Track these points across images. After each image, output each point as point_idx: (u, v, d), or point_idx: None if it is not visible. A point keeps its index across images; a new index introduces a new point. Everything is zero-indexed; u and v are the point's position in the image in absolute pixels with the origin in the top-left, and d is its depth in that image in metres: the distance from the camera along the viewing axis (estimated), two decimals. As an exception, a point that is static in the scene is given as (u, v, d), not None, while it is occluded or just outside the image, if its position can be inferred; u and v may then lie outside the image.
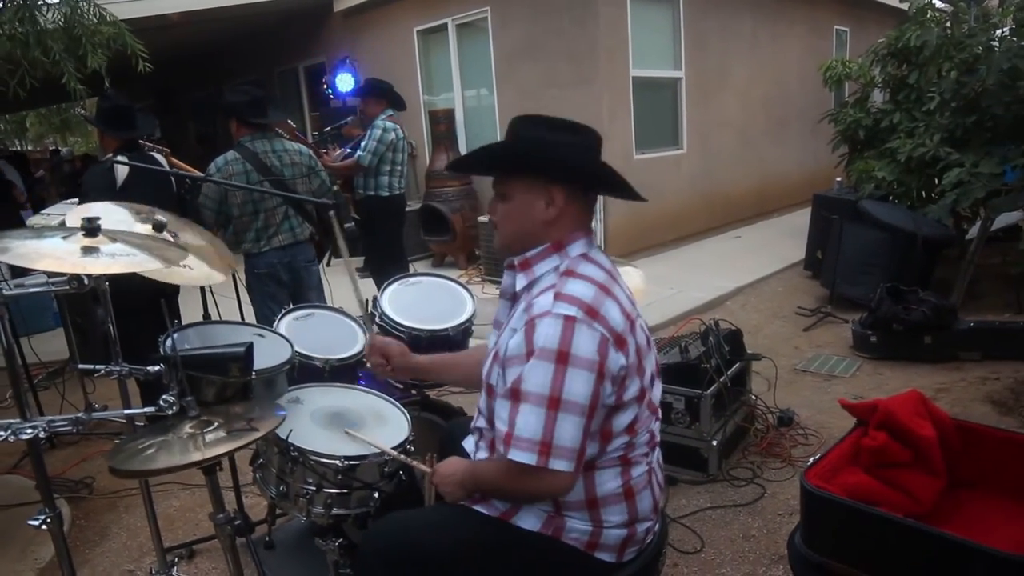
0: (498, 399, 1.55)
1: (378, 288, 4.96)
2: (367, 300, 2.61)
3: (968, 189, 5.09)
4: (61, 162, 3.68)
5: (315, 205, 3.87)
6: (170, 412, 1.74)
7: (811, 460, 1.98)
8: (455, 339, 2.60)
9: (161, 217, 2.08)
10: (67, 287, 1.67)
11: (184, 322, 3.92)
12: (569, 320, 1.43)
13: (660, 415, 1.71)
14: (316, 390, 2.21)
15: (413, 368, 2.03)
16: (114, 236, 1.67)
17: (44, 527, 1.84)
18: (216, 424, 1.68)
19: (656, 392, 1.66)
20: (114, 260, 1.62)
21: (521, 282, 1.62)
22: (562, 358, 1.42)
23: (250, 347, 1.80)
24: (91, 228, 1.64)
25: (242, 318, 3.72)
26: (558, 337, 1.42)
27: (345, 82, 7.94)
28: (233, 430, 1.63)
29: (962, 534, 1.64)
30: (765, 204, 9.33)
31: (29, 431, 1.73)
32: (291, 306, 2.68)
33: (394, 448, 1.96)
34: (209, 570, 2.86)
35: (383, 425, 2.10)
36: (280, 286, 3.80)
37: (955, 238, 5.96)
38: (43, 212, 3.72)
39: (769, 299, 6.06)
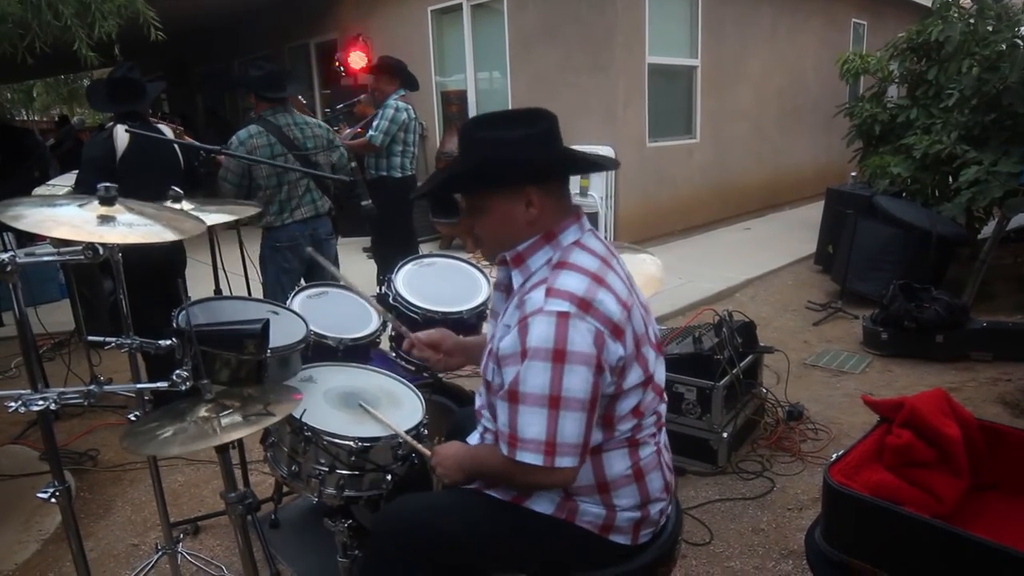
0: (497, 398, 1.51)
1: (380, 273, 4.99)
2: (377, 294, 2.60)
3: (985, 188, 5.04)
4: (72, 131, 3.64)
5: (333, 180, 3.87)
6: (183, 387, 1.72)
7: (833, 456, 1.96)
8: (469, 322, 2.57)
9: (178, 189, 2.04)
10: (80, 256, 1.63)
11: (192, 298, 3.90)
12: (563, 316, 1.39)
13: (666, 397, 1.68)
14: (330, 369, 2.19)
15: (463, 347, 1.97)
16: (130, 206, 1.63)
17: (53, 500, 1.81)
18: (232, 407, 1.64)
19: (660, 374, 1.62)
20: (131, 230, 1.59)
21: (517, 279, 1.57)
22: (558, 356, 1.39)
23: (266, 324, 1.76)
24: (107, 197, 1.60)
25: (249, 295, 3.72)
26: (552, 335, 1.39)
27: (358, 60, 7.85)
28: (249, 414, 1.60)
29: (985, 535, 1.61)
30: (776, 196, 9.26)
31: (40, 402, 1.70)
32: (304, 282, 2.65)
33: (407, 431, 1.93)
34: (214, 546, 2.84)
35: (397, 407, 2.08)
36: (299, 260, 3.79)
37: (969, 237, 5.92)
38: (49, 183, 3.68)
39: (779, 292, 6.02)
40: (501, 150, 1.50)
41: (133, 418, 3.69)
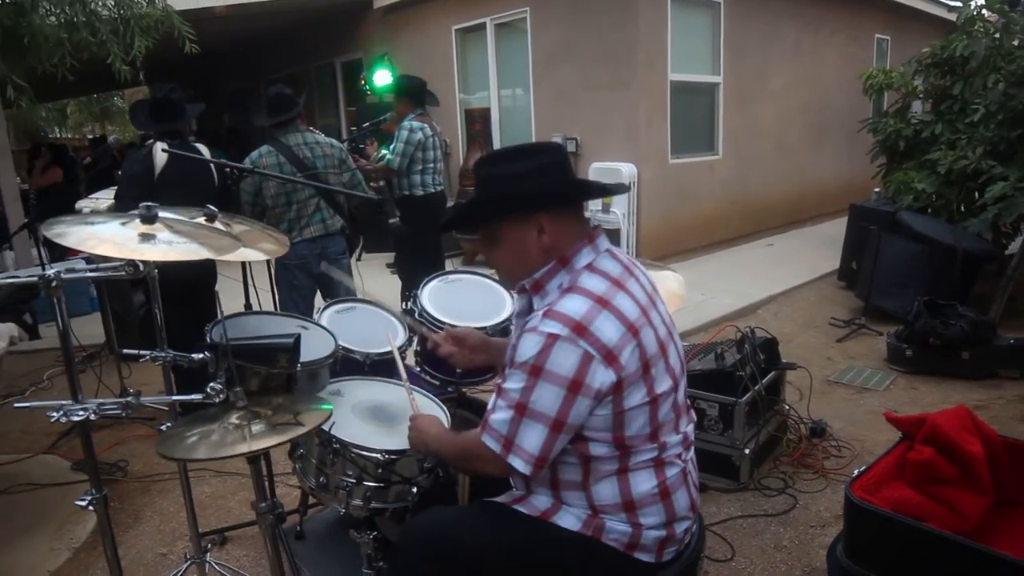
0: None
1: (403, 287, 5.05)
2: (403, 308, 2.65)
3: (1012, 203, 5.00)
4: (108, 150, 3.77)
5: (346, 198, 3.95)
6: (217, 400, 1.77)
7: (855, 472, 1.97)
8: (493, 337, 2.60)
9: (213, 207, 2.11)
10: (122, 273, 1.70)
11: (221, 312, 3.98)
12: (551, 338, 1.46)
13: (693, 416, 1.71)
14: (357, 383, 2.24)
15: (488, 345, 2.03)
16: (170, 224, 1.70)
17: (91, 508, 1.88)
18: (262, 416, 1.70)
19: (680, 395, 1.65)
20: (171, 248, 1.65)
21: (536, 304, 1.62)
22: (534, 371, 1.48)
23: (298, 339, 1.82)
24: (149, 216, 1.67)
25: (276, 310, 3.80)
26: (535, 353, 1.47)
27: (383, 78, 7.99)
28: (279, 424, 1.65)
29: (1009, 552, 1.61)
30: (799, 212, 9.23)
31: (80, 413, 1.77)
32: (319, 299, 2.69)
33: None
34: (240, 557, 2.89)
35: (422, 421, 2.11)
36: (309, 278, 3.86)
37: (995, 253, 5.85)
38: (91, 196, 3.80)
39: (801, 308, 6.00)
40: (507, 183, 1.58)
41: (164, 429, 3.76)
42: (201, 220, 2.18)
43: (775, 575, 2.58)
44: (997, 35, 5.65)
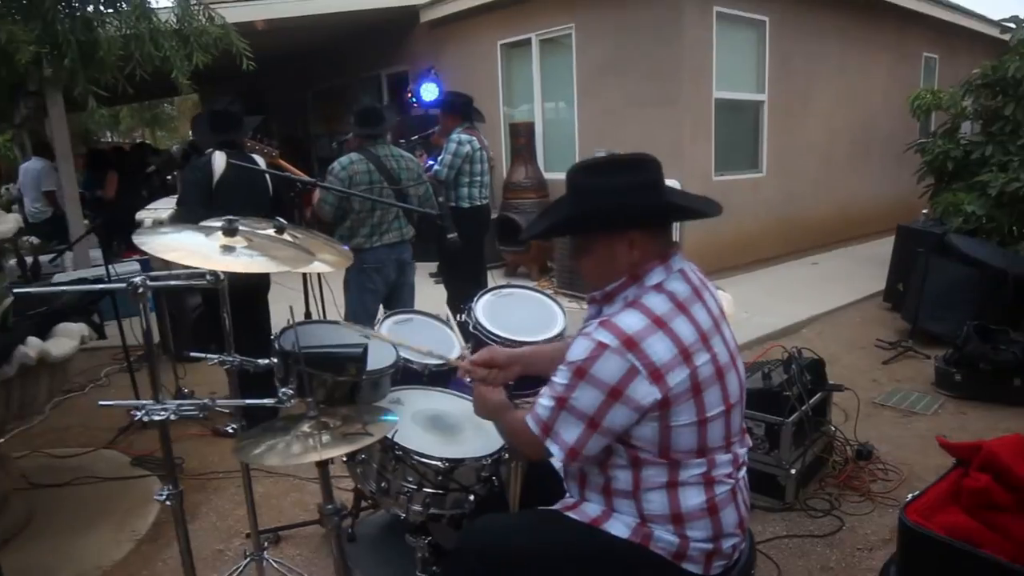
0: None
1: (449, 297, 5.15)
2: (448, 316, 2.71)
3: (1067, 229, 4.95)
4: (172, 158, 3.91)
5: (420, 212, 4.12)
6: (287, 404, 1.86)
7: (908, 496, 1.98)
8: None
9: (282, 220, 2.21)
10: (203, 281, 1.80)
11: (272, 321, 4.14)
12: (600, 347, 1.53)
13: (750, 442, 1.74)
14: (416, 392, 2.32)
15: (517, 357, 2.05)
16: (250, 236, 1.79)
17: (167, 503, 1.98)
18: (332, 425, 1.77)
19: (735, 418, 1.68)
20: (252, 260, 1.74)
21: (607, 312, 1.67)
22: (579, 373, 1.56)
23: (366, 348, 1.90)
24: (230, 228, 1.76)
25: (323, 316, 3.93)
26: (583, 356, 1.55)
27: (429, 92, 8.13)
28: (349, 433, 1.72)
29: (1067, 583, 1.61)
30: (844, 232, 9.14)
31: (161, 412, 1.87)
32: (383, 308, 2.79)
33: (491, 455, 2.05)
34: (294, 555, 2.97)
35: (480, 430, 2.18)
36: (384, 283, 4.03)
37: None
38: (148, 207, 3.97)
39: (847, 329, 5.95)
40: (609, 197, 1.62)
41: (231, 430, 3.89)
42: (271, 232, 2.28)
43: (821, 595, 2.59)
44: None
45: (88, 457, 3.92)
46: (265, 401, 1.88)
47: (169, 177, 4.96)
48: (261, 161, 4.12)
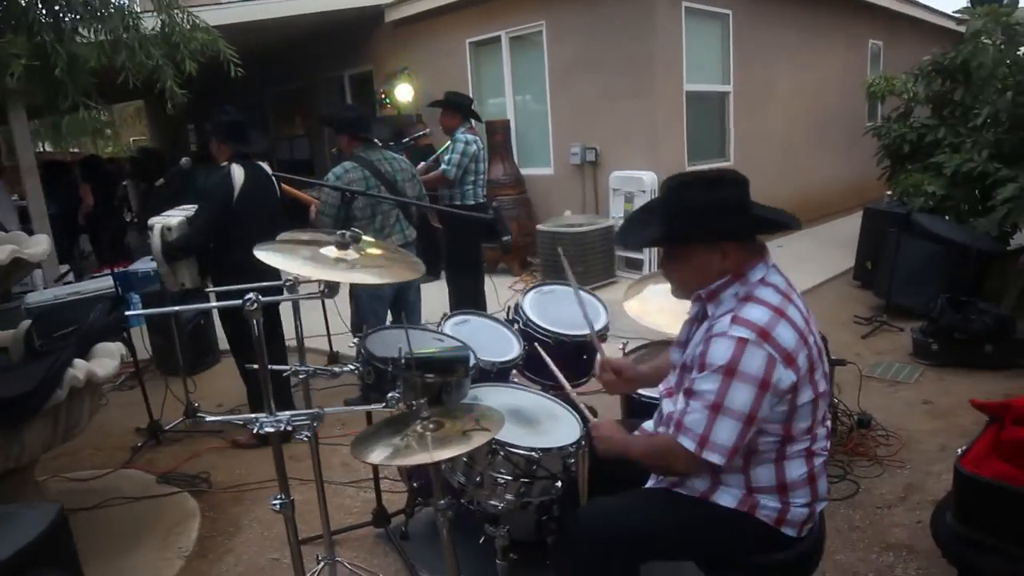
0: (680, 393, 1.83)
1: (452, 297, 5.26)
2: (509, 307, 2.86)
3: (1021, 204, 5.33)
4: (181, 171, 3.85)
5: (417, 210, 4.18)
6: (397, 408, 1.98)
7: (959, 450, 2.24)
8: (591, 345, 2.83)
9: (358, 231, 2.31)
10: (317, 295, 1.91)
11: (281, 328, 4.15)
12: (741, 342, 1.69)
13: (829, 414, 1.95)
14: (490, 389, 2.45)
15: (638, 378, 2.25)
16: (361, 249, 1.90)
17: (280, 511, 2.07)
18: (444, 425, 1.89)
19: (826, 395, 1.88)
20: (368, 272, 1.85)
21: (711, 310, 1.85)
22: (729, 373, 1.69)
23: (469, 351, 2.03)
24: (344, 242, 1.87)
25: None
26: (729, 355, 1.69)
27: (404, 92, 8.17)
28: (466, 430, 1.84)
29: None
30: (805, 214, 9.47)
31: (273, 425, 1.96)
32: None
33: (572, 443, 2.21)
34: (352, 557, 3.03)
35: (557, 422, 2.34)
36: (391, 287, 4.09)
37: (1003, 250, 6.17)
38: (164, 213, 3.95)
39: (823, 307, 6.25)
40: (705, 212, 1.78)
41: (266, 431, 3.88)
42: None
43: (855, 552, 2.83)
44: (1003, 47, 5.98)
45: (110, 478, 3.87)
46: (375, 406, 1.98)
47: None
48: (267, 168, 4.16)
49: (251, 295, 1.89)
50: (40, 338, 3.41)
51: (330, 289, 1.90)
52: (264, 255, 1.80)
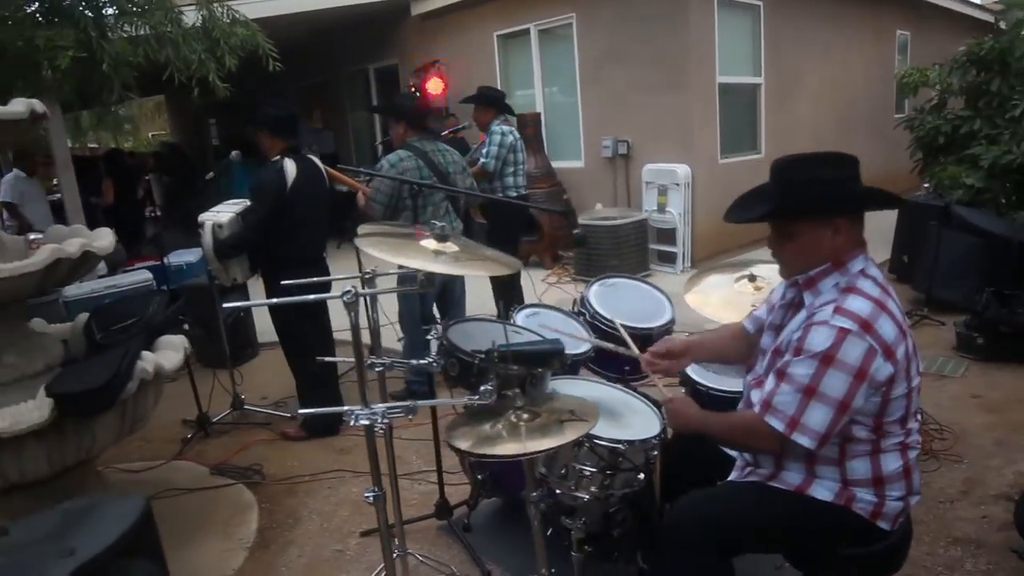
0: (772, 372, 1.83)
1: (494, 289, 5.26)
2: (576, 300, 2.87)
3: (1064, 196, 5.29)
4: (231, 164, 3.88)
5: (465, 200, 4.20)
6: (490, 401, 1.99)
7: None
8: (656, 339, 2.83)
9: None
10: (416, 286, 1.92)
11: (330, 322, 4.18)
12: (843, 332, 1.70)
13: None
14: (566, 382, 2.46)
15: (689, 346, 2.21)
16: (459, 243, 1.92)
17: (371, 502, 2.09)
18: (540, 415, 1.90)
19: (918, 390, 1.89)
20: (461, 264, 1.87)
21: (808, 299, 1.86)
22: (826, 360, 1.70)
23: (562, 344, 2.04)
24: (442, 235, 1.89)
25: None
26: (828, 343, 1.70)
27: (436, 85, 8.17)
28: (563, 420, 1.85)
29: None
30: (833, 206, 9.47)
31: (368, 417, 1.97)
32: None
33: (655, 435, 2.21)
34: (416, 550, 3.03)
35: (636, 415, 2.35)
36: (440, 278, 4.08)
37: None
38: (212, 209, 3.98)
39: (859, 301, 6.24)
40: (817, 187, 1.79)
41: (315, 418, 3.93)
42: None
43: (921, 545, 2.82)
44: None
45: (162, 469, 3.92)
46: (471, 399, 1.98)
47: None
48: (318, 162, 4.18)
49: (350, 287, 1.90)
50: (99, 331, 3.44)
51: (428, 281, 1.91)
52: (369, 247, 1.82)
